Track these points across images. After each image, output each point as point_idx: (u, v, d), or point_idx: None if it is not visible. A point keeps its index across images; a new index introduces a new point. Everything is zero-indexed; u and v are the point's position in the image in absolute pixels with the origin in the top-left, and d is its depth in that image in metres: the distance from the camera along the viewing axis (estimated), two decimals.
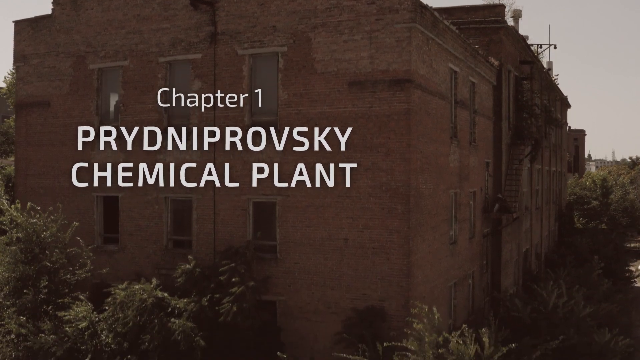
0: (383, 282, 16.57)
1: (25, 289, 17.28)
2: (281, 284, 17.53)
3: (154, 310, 16.20)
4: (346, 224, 16.84)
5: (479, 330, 14.90)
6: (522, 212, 27.12)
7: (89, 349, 16.69)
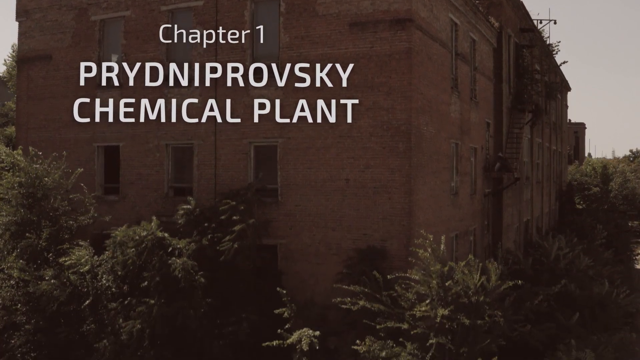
0: (384, 222, 16.54)
1: (27, 234, 17.23)
2: (282, 227, 17.49)
3: (154, 249, 16.13)
4: (347, 164, 16.85)
5: (486, 262, 14.86)
6: (523, 176, 27.08)
7: (90, 292, 16.68)
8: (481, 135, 22.92)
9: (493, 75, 24.36)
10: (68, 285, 16.50)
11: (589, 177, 49.34)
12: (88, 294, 16.62)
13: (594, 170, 49.93)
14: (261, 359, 15.90)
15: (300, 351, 15.16)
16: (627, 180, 51.55)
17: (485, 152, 23.46)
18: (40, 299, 16.45)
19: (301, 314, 15.67)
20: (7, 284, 17.12)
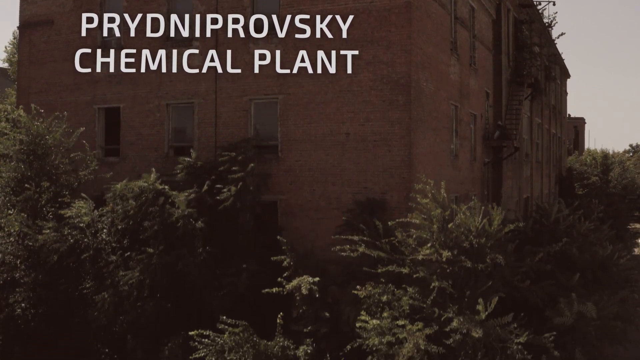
0: (384, 175, 16.59)
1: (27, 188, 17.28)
2: (282, 182, 17.54)
3: (154, 200, 16.18)
4: (347, 118, 16.92)
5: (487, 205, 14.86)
6: (522, 152, 27.17)
7: (90, 246, 16.70)
8: (481, 103, 23.00)
9: (492, 46, 24.47)
10: (68, 238, 16.56)
11: (589, 167, 49.42)
12: (88, 247, 16.66)
13: (594, 160, 50.02)
14: (260, 311, 15.89)
15: (300, 299, 15.20)
16: (626, 170, 51.64)
17: (485, 121, 23.53)
18: (40, 251, 16.49)
19: (301, 263, 15.67)
20: (7, 240, 17.17)
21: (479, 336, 12.97)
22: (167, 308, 16.03)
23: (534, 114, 30.64)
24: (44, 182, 17.64)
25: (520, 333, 13.63)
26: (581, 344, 16.40)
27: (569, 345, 16.32)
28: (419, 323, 13.04)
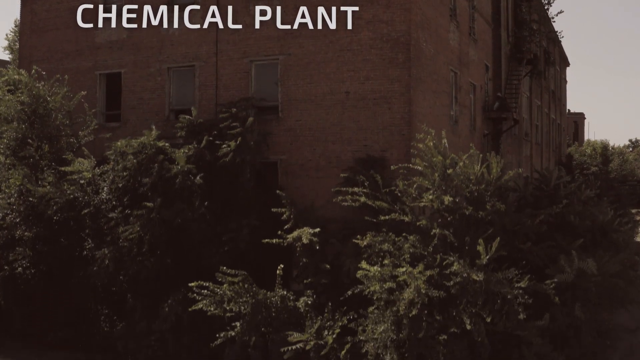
0: (384, 132, 16.65)
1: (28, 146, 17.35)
2: (282, 142, 17.60)
3: (154, 156, 16.20)
4: (347, 77, 17.00)
5: (487, 154, 14.87)
6: (522, 131, 27.22)
7: (90, 202, 16.74)
8: (480, 74, 23.08)
9: (492, 20, 24.57)
10: (68, 192, 16.59)
11: (589, 157, 49.51)
12: (88, 204, 16.70)
13: (594, 151, 50.11)
14: (261, 268, 15.89)
15: (301, 250, 15.23)
16: (626, 162, 51.72)
17: (485, 93, 23.59)
18: (39, 204, 16.49)
19: (301, 217, 15.71)
20: (8, 199, 17.17)
21: (480, 280, 12.98)
22: (167, 264, 16.04)
23: (533, 95, 30.72)
24: (44, 144, 17.72)
25: (521, 279, 13.62)
26: (582, 301, 16.39)
27: (569, 302, 16.33)
28: (420, 265, 13.04)
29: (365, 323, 13.73)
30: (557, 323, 15.93)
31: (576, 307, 16.17)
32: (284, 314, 14.46)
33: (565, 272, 16.15)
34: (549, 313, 15.58)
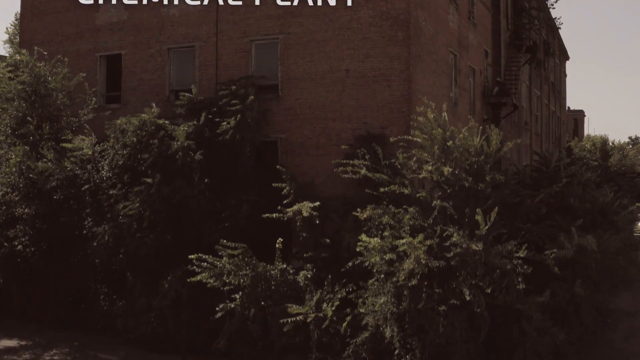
0: (384, 110, 16.68)
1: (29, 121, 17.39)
2: (282, 121, 17.63)
3: (154, 133, 16.23)
4: (347, 55, 17.04)
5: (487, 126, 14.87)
6: (522, 120, 27.24)
7: (90, 179, 16.76)
8: (480, 59, 23.12)
9: (491, 6, 24.63)
10: (68, 170, 16.61)
11: (589, 153, 49.52)
12: (88, 181, 16.72)
13: (594, 146, 50.14)
14: (261, 244, 15.87)
15: (301, 225, 15.24)
16: (625, 157, 51.73)
17: (484, 79, 23.63)
18: (39, 180, 16.50)
19: (301, 192, 15.72)
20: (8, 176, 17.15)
21: (479, 250, 12.98)
22: (167, 241, 16.04)
23: (533, 85, 30.77)
24: (44, 124, 17.76)
25: (519, 249, 13.63)
26: (582, 278, 16.38)
27: (569, 279, 16.32)
28: (420, 235, 13.05)
29: (365, 295, 13.74)
30: (557, 299, 15.92)
31: (576, 284, 16.16)
32: (284, 287, 14.47)
33: (565, 248, 16.19)
34: (549, 289, 15.62)
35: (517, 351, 14.25)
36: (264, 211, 15.86)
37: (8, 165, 17.15)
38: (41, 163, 16.45)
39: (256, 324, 14.40)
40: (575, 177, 20.96)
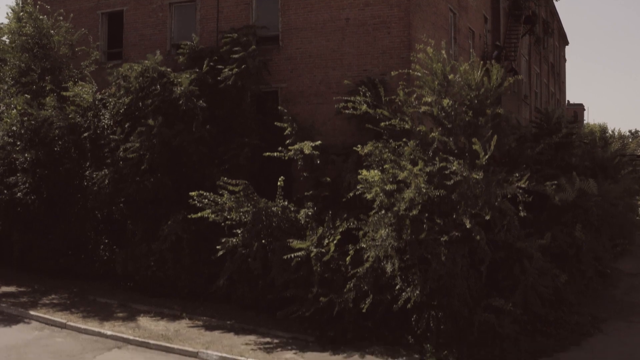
0: (384, 56, 16.75)
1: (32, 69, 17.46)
2: (283, 71, 17.71)
3: (156, 79, 16.28)
4: (347, 4, 17.14)
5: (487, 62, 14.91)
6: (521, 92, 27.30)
7: (90, 126, 16.80)
8: (479, 23, 23.21)
9: None
10: (69, 117, 16.65)
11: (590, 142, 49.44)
12: (89, 128, 16.77)
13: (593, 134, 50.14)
14: (261, 187, 15.89)
15: (302, 164, 15.28)
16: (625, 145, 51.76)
17: (484, 43, 23.72)
18: (41, 128, 16.54)
19: (302, 133, 15.77)
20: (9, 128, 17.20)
21: (479, 178, 12.99)
22: (167, 184, 16.04)
23: (532, 61, 30.86)
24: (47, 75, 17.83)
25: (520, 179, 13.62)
26: (582, 223, 16.41)
27: (570, 223, 16.33)
28: (420, 162, 13.07)
29: (366, 228, 13.73)
30: (558, 243, 15.95)
31: (577, 228, 16.20)
32: (285, 223, 14.47)
33: (566, 192, 16.22)
34: (550, 232, 15.62)
35: (517, 289, 14.25)
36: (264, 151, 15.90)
37: (9, 115, 17.19)
38: (43, 111, 16.48)
39: (257, 261, 14.38)
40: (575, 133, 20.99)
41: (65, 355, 12.45)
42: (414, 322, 13.32)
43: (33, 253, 17.55)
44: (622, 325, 16.32)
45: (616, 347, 14.46)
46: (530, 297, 14.58)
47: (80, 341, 13.40)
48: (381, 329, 13.84)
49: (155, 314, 15.16)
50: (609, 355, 13.76)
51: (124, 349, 13.14)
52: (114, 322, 14.41)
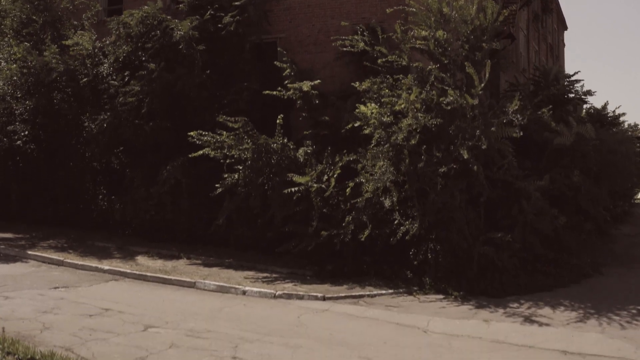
0: (382, 4, 16.73)
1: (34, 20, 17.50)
2: (282, 21, 17.74)
3: (156, 25, 16.30)
4: None
5: None
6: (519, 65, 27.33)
7: (90, 73, 16.81)
8: None
9: None
10: (69, 63, 16.66)
11: None
12: (89, 75, 16.78)
13: None
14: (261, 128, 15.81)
15: (301, 104, 15.30)
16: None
17: None
18: (40, 73, 16.53)
19: (301, 75, 15.78)
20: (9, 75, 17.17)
21: (475, 103, 13.01)
22: (166, 129, 16.02)
23: (530, 37, 30.88)
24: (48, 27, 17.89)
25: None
26: (580, 168, 16.39)
27: (568, 166, 16.31)
28: (416, 89, 13.07)
29: (365, 161, 13.72)
30: (557, 185, 15.94)
31: (575, 173, 16.19)
32: (285, 161, 14.44)
33: (563, 136, 16.22)
34: (549, 175, 15.61)
35: (516, 227, 14.22)
36: (264, 99, 15.91)
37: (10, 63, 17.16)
38: (42, 57, 16.48)
39: (257, 198, 14.35)
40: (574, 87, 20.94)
41: (61, 283, 12.41)
42: (412, 255, 13.30)
43: (31, 203, 17.53)
44: (623, 270, 16.32)
45: (616, 285, 14.45)
46: (529, 236, 14.56)
47: (77, 274, 13.36)
48: (380, 263, 13.83)
49: (154, 255, 15.15)
50: (610, 290, 13.73)
51: (120, 281, 13.09)
52: (112, 260, 14.38)
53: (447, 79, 13.86)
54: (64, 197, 17.46)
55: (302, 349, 9.19)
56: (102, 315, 10.38)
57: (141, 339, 9.28)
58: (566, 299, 12.95)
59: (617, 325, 11.24)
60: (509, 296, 12.94)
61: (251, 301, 11.88)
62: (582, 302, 12.66)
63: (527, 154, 16.39)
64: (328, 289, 12.71)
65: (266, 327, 10.09)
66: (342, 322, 10.60)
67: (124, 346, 8.81)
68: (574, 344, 10.03)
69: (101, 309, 10.70)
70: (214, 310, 11.05)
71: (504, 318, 11.41)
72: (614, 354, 9.58)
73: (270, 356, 8.78)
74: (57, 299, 11.14)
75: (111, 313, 10.48)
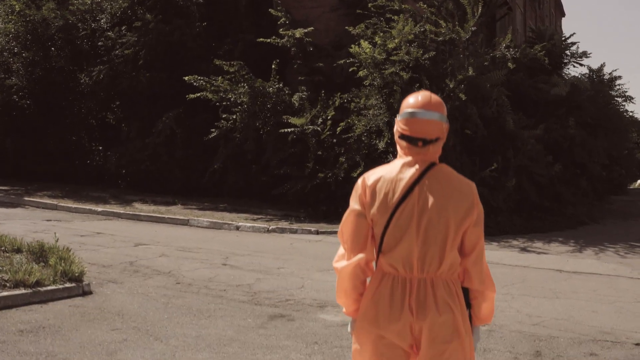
0: None
1: None
2: None
3: None
4: None
5: None
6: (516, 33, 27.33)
7: (87, 27, 16.83)
8: None
9: None
10: (67, 15, 16.68)
11: None
12: (86, 29, 16.80)
13: None
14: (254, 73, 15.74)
15: (295, 51, 15.30)
16: None
17: None
18: (39, 27, 16.52)
19: (295, 24, 15.77)
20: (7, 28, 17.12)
21: (467, 36, 13.02)
22: (163, 78, 16.01)
23: (527, 17, 30.93)
24: None
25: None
26: (576, 119, 16.35)
27: (564, 117, 16.27)
28: (410, 22, 13.08)
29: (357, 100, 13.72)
30: (552, 135, 15.89)
31: (570, 121, 16.16)
32: (280, 105, 14.43)
33: (559, 86, 16.20)
34: (545, 124, 15.58)
35: (510, 169, 14.17)
36: (260, 51, 15.91)
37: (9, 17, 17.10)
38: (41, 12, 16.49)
39: (251, 142, 14.33)
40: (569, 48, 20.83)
41: (54, 218, 12.37)
42: None
43: (27, 159, 17.47)
44: (620, 221, 16.28)
45: (613, 230, 14.43)
46: (525, 182, 14.53)
47: (71, 214, 13.31)
48: None
49: (148, 201, 15.08)
50: (607, 234, 13.69)
51: (114, 221, 13.04)
52: (107, 205, 14.34)
53: (442, 24, 13.88)
54: (60, 153, 17.41)
55: (291, 261, 9.19)
56: (93, 235, 10.39)
57: (132, 250, 9.29)
58: (562, 238, 12.94)
59: (614, 254, 11.24)
60: (505, 234, 12.93)
61: (244, 234, 11.86)
62: (578, 240, 12.65)
63: (524, 110, 16.32)
64: (322, 226, 12.67)
65: (258, 248, 10.08)
66: (334, 248, 10.53)
67: (113, 255, 8.79)
68: (569, 265, 10.00)
69: (93, 232, 10.71)
70: (207, 238, 11.03)
71: (499, 248, 11.38)
72: (610, 272, 9.54)
73: (261, 264, 8.76)
74: (49, 225, 11.13)
75: (103, 235, 10.49)
